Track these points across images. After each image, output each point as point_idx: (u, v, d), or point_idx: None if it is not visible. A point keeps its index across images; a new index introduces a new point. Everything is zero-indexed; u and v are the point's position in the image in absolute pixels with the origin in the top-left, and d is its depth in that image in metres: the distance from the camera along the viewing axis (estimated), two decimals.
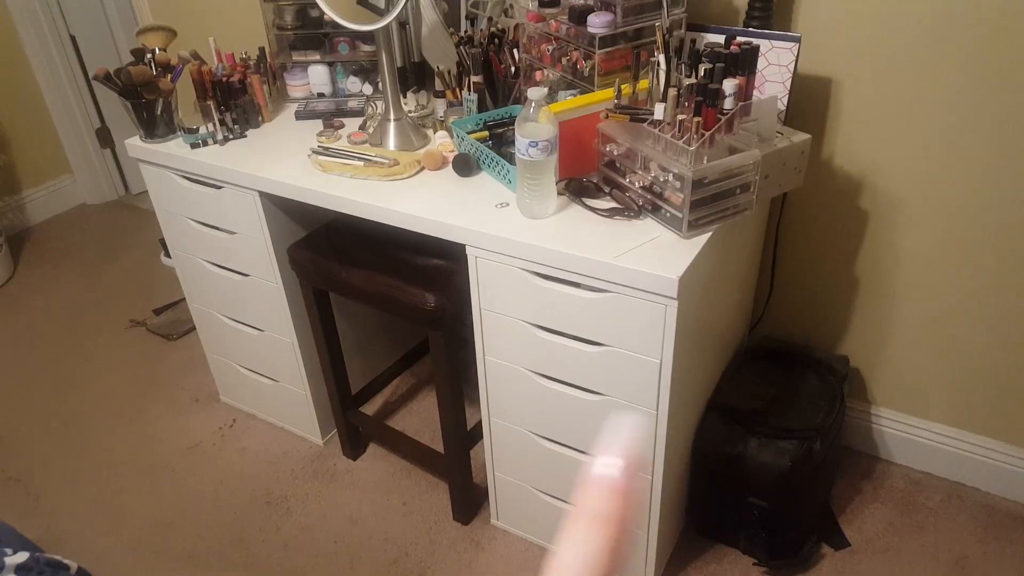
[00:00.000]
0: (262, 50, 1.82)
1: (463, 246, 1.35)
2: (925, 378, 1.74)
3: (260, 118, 1.76)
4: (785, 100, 1.43)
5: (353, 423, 1.91)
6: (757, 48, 1.29)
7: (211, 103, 1.67)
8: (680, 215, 1.21)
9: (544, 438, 1.49)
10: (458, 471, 1.70)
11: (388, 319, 2.10)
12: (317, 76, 1.82)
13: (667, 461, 1.36)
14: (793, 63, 1.40)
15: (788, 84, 1.42)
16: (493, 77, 1.59)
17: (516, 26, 1.58)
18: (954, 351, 1.68)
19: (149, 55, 1.68)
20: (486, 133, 1.50)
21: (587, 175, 1.39)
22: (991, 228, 1.51)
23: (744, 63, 1.27)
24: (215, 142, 1.67)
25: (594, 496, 0.32)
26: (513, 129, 1.30)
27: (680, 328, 1.20)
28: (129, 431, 2.10)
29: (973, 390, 1.69)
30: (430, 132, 1.66)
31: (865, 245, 1.66)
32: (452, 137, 1.55)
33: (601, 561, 0.31)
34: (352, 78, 1.84)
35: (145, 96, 1.63)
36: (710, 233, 1.24)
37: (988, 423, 1.72)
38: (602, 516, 0.32)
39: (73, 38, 3.05)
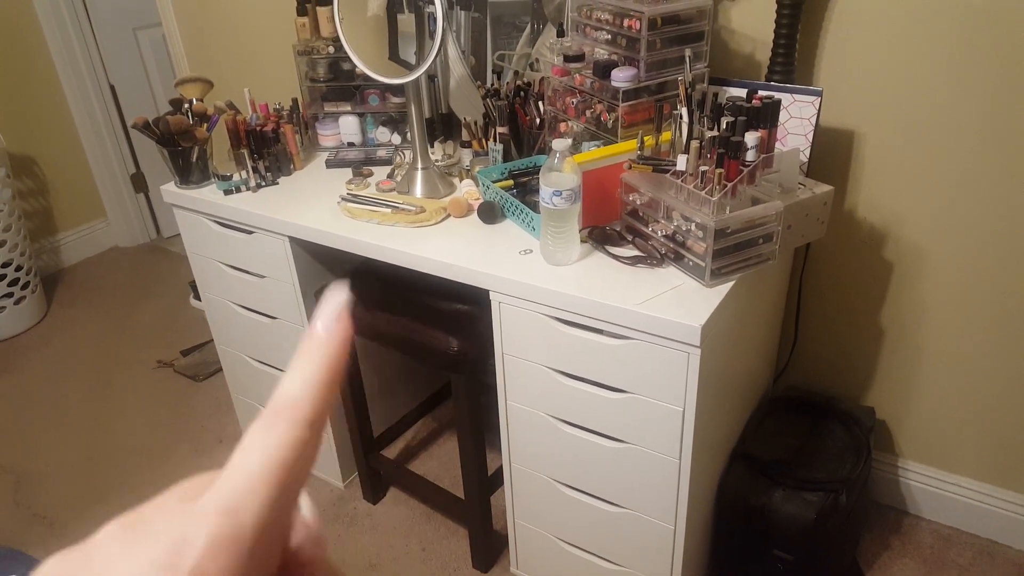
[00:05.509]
0: (295, 101, 1.88)
1: (486, 292, 1.37)
2: (954, 431, 1.71)
3: (292, 166, 1.81)
4: (807, 152, 1.45)
5: (374, 467, 1.91)
6: (779, 102, 1.32)
7: (245, 151, 1.73)
8: (703, 263, 1.22)
9: (566, 485, 1.48)
10: (478, 517, 1.69)
11: (410, 363, 2.11)
12: (348, 126, 1.88)
13: (690, 510, 1.34)
14: (815, 116, 1.42)
15: (810, 136, 1.44)
16: (518, 128, 1.63)
17: (541, 79, 1.62)
18: (983, 403, 1.65)
19: (186, 105, 1.75)
20: (511, 182, 1.53)
21: (610, 223, 1.41)
22: (1018, 278, 1.50)
23: (766, 116, 1.29)
24: (248, 189, 1.72)
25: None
26: (537, 178, 1.33)
27: (703, 376, 1.20)
28: (154, 471, 2.11)
29: (1004, 444, 1.66)
30: (456, 181, 1.69)
31: (890, 295, 1.66)
32: (478, 186, 1.58)
33: None
34: (381, 128, 1.89)
35: (181, 144, 1.69)
36: (733, 282, 1.24)
37: (1020, 478, 1.68)
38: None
39: (112, 87, 3.17)
